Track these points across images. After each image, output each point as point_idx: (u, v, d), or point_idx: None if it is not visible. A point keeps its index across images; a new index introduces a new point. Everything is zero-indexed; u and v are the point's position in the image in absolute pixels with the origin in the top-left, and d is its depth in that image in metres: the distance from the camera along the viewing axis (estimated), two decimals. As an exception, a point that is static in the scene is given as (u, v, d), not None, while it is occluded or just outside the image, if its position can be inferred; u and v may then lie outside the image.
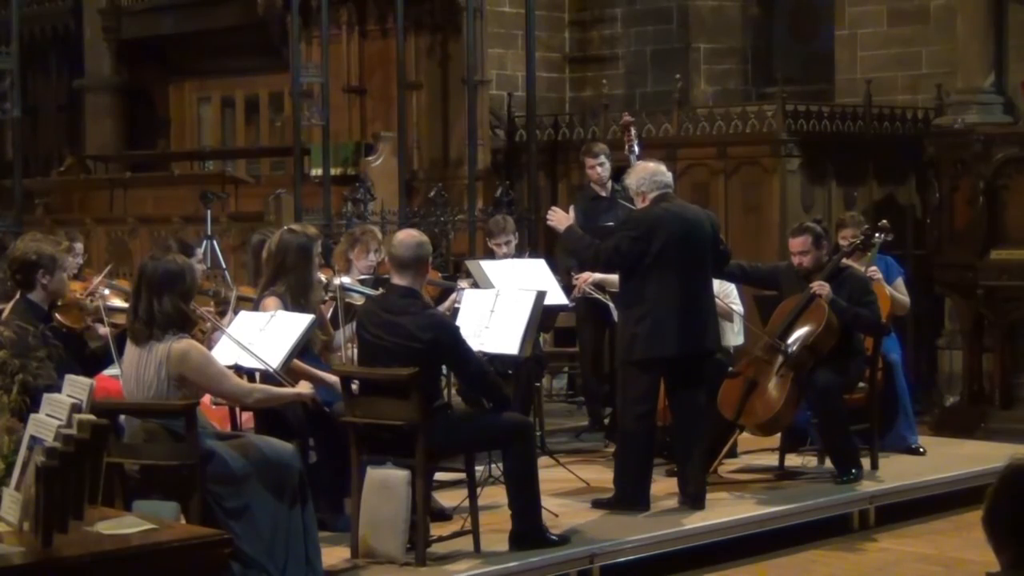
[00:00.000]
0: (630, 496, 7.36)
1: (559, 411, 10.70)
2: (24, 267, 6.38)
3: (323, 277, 7.35)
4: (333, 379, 6.69)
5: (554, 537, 6.62)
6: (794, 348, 7.96)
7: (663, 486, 7.63)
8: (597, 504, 7.45)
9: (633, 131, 8.75)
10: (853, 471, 8.03)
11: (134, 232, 11.06)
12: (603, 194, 9.53)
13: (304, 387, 6.26)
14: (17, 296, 6.42)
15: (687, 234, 7.36)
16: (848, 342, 8.09)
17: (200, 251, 7.93)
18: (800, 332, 7.99)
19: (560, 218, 7.63)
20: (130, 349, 5.86)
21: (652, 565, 6.84)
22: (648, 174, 7.53)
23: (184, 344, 5.73)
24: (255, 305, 6.96)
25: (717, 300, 8.25)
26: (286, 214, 9.75)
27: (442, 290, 8.40)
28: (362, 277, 7.95)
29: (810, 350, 7.97)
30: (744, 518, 7.38)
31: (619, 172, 9.56)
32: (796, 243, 8.26)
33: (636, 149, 8.59)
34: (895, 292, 9.00)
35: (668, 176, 7.58)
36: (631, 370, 7.43)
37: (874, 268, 8.76)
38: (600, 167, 9.50)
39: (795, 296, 8.14)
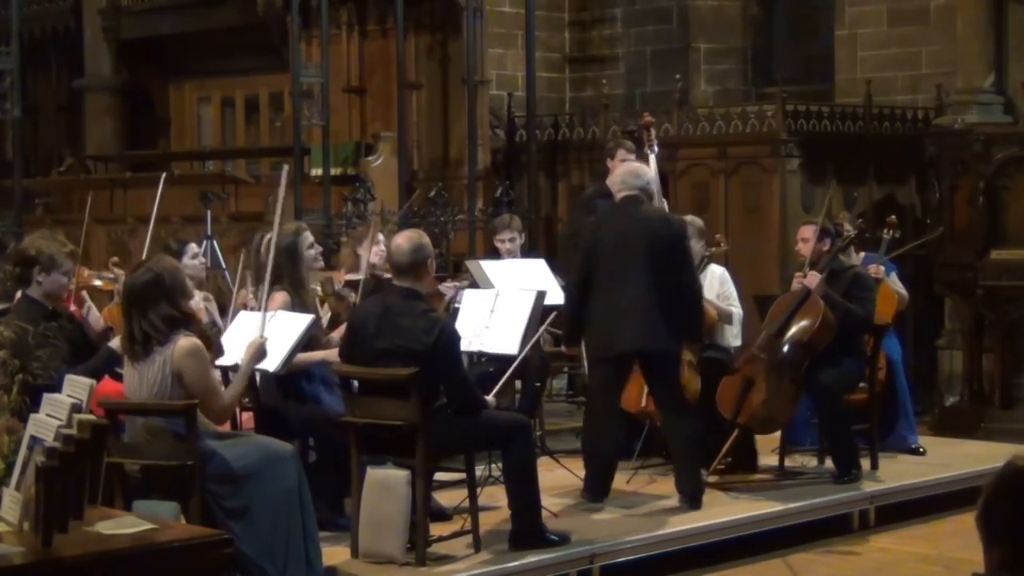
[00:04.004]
0: (589, 487, 7.50)
1: (559, 411, 10.68)
2: (22, 261, 6.37)
3: (332, 277, 7.33)
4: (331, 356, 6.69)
5: (554, 537, 6.61)
6: (790, 345, 7.96)
7: (663, 486, 7.63)
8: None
9: (653, 131, 8.81)
10: (853, 471, 8.04)
11: (134, 232, 11.04)
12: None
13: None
14: (19, 295, 6.43)
15: (622, 238, 7.37)
16: (849, 342, 8.09)
17: (194, 247, 7.93)
18: (796, 328, 7.99)
19: None
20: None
21: (652, 565, 6.84)
22: (622, 174, 7.68)
23: (191, 342, 5.66)
24: (261, 304, 6.92)
25: (715, 302, 8.27)
26: (286, 214, 9.72)
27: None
28: (362, 277, 7.93)
29: (806, 347, 7.96)
30: (744, 518, 7.38)
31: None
32: (804, 229, 8.38)
33: (656, 148, 8.65)
34: (894, 286, 9.03)
35: (643, 180, 7.58)
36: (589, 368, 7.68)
37: (873, 266, 8.78)
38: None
39: (791, 292, 8.15)
